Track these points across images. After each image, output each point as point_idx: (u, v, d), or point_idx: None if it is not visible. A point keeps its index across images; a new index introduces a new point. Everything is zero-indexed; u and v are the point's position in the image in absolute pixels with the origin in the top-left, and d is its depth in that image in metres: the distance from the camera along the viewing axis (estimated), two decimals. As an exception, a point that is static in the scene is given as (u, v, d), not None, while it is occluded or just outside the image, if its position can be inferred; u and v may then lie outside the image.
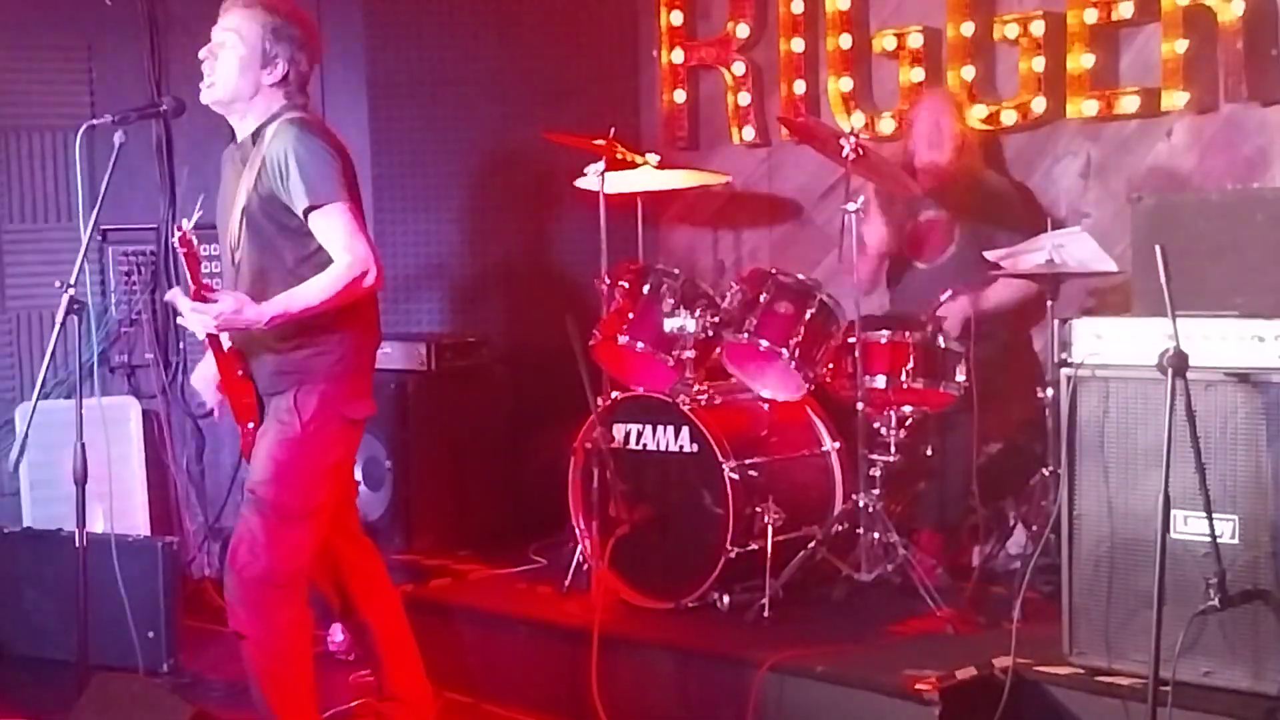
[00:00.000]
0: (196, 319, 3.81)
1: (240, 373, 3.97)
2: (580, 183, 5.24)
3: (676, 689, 4.39)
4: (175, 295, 3.85)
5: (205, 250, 5.86)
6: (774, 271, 4.87)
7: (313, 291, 3.82)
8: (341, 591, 4.22)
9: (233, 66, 3.92)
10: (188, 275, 3.77)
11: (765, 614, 4.49)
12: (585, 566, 4.87)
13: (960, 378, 4.70)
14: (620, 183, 5.32)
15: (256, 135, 3.95)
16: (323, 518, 4.02)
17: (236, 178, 3.99)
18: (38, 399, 3.86)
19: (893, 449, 4.71)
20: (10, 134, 5.91)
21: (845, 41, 5.84)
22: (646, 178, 5.40)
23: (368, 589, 4.25)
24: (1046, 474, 4.65)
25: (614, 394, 4.96)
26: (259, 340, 3.91)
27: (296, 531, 3.95)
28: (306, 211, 3.83)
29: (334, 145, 3.93)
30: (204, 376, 4.16)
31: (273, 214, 3.89)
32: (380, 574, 4.29)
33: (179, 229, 3.74)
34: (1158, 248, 3.52)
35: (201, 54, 3.96)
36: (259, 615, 3.93)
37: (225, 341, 3.96)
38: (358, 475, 5.62)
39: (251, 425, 3.99)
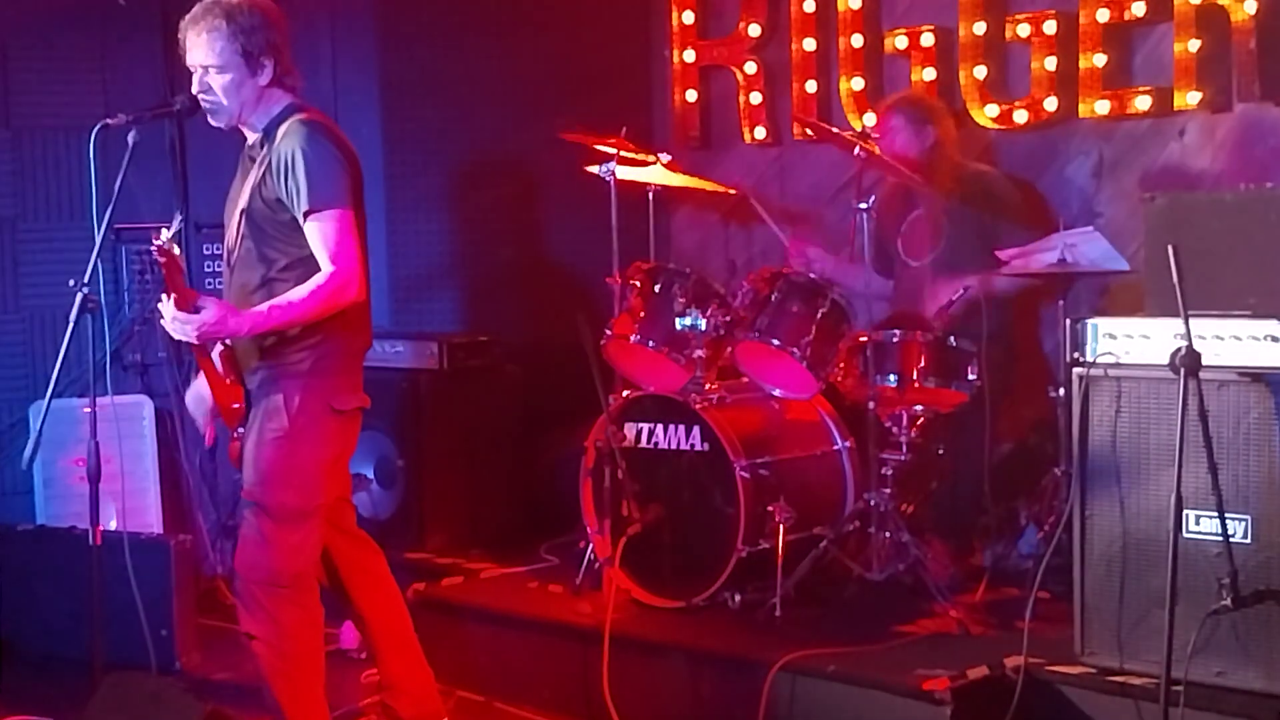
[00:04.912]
0: (179, 327, 3.82)
1: (231, 379, 3.98)
2: (592, 169, 5.23)
3: (688, 688, 4.39)
4: (164, 304, 3.84)
5: (207, 250, 5.96)
6: (785, 271, 4.87)
7: (293, 301, 3.82)
8: (338, 586, 4.23)
9: (228, 89, 3.90)
10: (170, 286, 3.78)
11: (776, 613, 4.49)
12: (597, 565, 4.87)
13: (971, 377, 4.69)
14: (632, 175, 5.31)
15: (266, 136, 3.95)
16: (323, 515, 4.03)
17: (244, 178, 4.00)
18: (51, 397, 3.87)
19: (904, 448, 4.71)
20: (24, 134, 5.94)
21: (857, 41, 5.84)
22: (658, 175, 5.40)
23: (366, 583, 4.25)
24: (1058, 473, 4.65)
25: (625, 393, 4.97)
26: (244, 340, 3.92)
27: (298, 532, 3.96)
28: (306, 215, 3.83)
29: (343, 150, 3.93)
30: (197, 397, 4.16)
31: (272, 215, 3.89)
32: (379, 568, 4.29)
33: (156, 239, 3.74)
34: (1170, 247, 3.52)
35: (194, 90, 3.93)
36: (267, 616, 3.94)
37: (216, 347, 3.96)
38: (369, 474, 5.65)
39: (240, 430, 3.99)
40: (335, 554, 4.18)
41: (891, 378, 4.69)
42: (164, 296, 3.82)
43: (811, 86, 6.00)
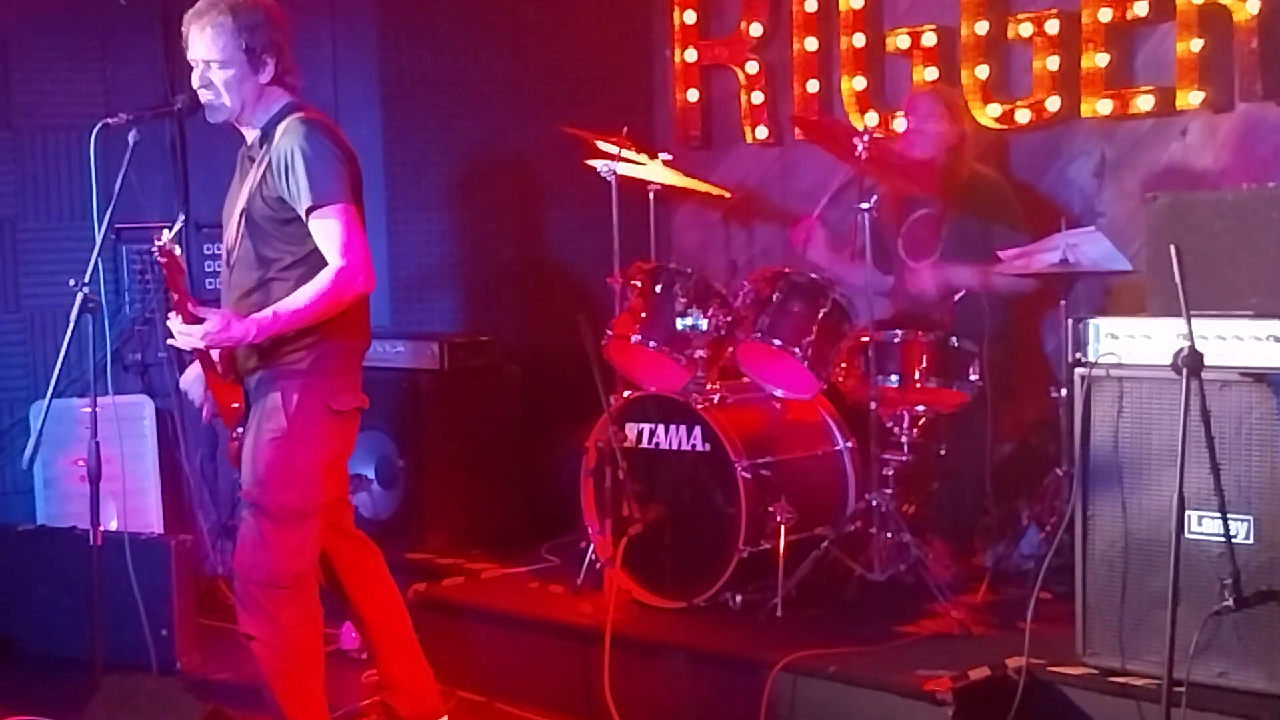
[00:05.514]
0: (184, 339, 3.82)
1: (230, 378, 3.97)
2: (593, 163, 5.22)
3: (689, 688, 4.39)
4: (171, 320, 3.83)
5: (208, 250, 5.96)
6: (786, 270, 4.87)
7: (300, 301, 3.81)
8: (336, 586, 4.22)
9: (230, 85, 3.90)
10: (171, 287, 3.77)
11: (778, 614, 4.49)
12: (598, 566, 4.86)
13: (973, 377, 4.69)
14: (633, 173, 5.30)
15: (265, 135, 3.95)
16: (323, 516, 4.02)
17: (243, 178, 3.99)
18: (51, 397, 3.86)
19: (905, 449, 4.71)
20: (25, 133, 5.93)
21: (859, 40, 5.84)
22: (658, 175, 5.39)
23: (364, 583, 4.25)
24: (1060, 474, 4.65)
25: (626, 393, 4.96)
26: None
27: (297, 532, 3.95)
28: (309, 211, 3.82)
29: (341, 147, 3.93)
30: (193, 377, 4.15)
31: (272, 214, 3.89)
32: (378, 567, 4.29)
33: (157, 239, 3.73)
34: (1172, 247, 3.52)
35: (195, 85, 3.94)
36: (266, 617, 3.93)
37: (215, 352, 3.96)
38: (370, 474, 5.65)
39: (240, 430, 3.99)
40: (333, 554, 4.17)
41: (893, 378, 4.69)
42: (171, 312, 3.81)
43: (813, 86, 5.99)
